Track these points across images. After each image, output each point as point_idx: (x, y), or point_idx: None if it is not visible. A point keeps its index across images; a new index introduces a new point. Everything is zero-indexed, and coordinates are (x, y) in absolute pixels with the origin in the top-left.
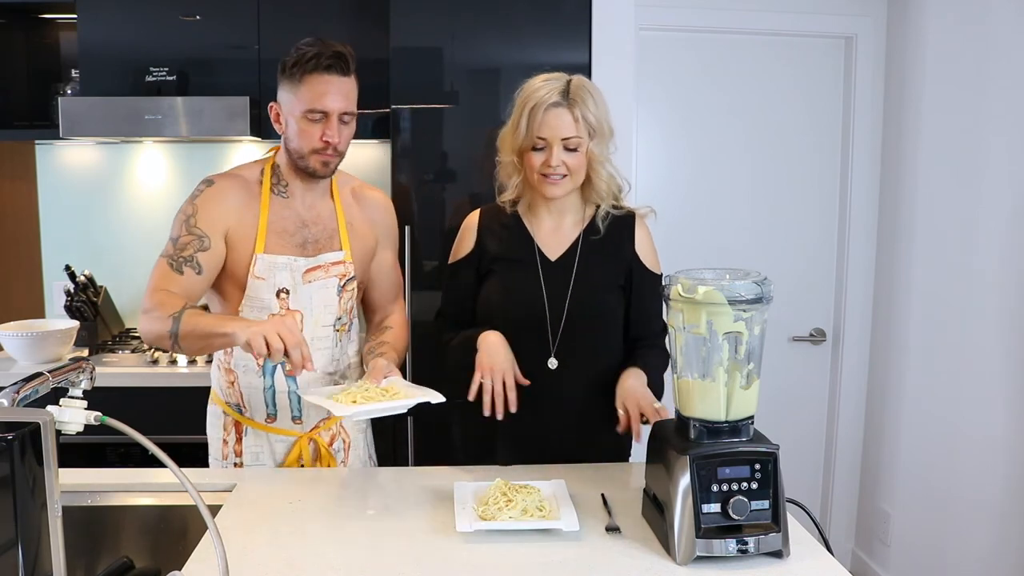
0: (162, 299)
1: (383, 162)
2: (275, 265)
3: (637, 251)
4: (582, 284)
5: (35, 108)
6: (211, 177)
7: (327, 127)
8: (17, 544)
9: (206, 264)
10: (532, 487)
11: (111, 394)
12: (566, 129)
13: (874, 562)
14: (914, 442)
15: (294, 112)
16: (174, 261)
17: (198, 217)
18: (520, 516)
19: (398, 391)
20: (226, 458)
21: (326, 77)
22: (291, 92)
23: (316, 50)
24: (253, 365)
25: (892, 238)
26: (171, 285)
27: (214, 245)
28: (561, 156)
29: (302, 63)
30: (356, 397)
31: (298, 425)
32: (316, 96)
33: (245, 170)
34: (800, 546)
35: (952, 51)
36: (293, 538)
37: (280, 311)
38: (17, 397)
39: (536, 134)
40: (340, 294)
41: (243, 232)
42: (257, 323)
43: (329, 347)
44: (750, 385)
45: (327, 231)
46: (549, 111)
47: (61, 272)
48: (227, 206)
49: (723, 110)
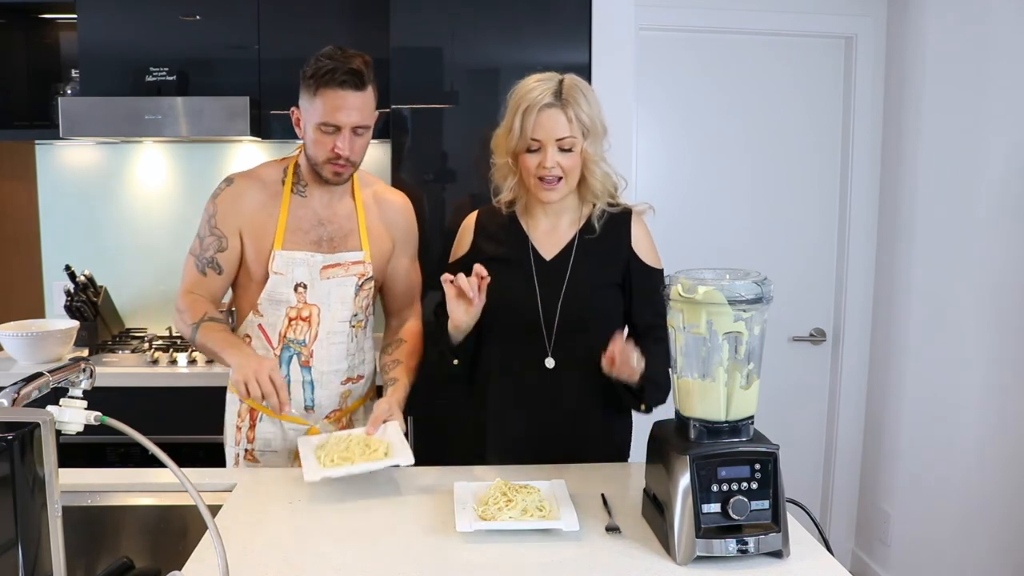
0: (190, 303)
1: (383, 162)
2: (293, 260)
3: (634, 248)
4: (575, 284)
5: (35, 108)
6: (232, 176)
7: (338, 139)
8: (17, 544)
9: (225, 264)
10: (532, 487)
11: (111, 394)
12: (560, 130)
13: (874, 562)
14: (914, 442)
15: (310, 121)
16: (199, 262)
17: (218, 217)
18: (520, 516)
19: (377, 448)
20: (238, 443)
21: (340, 92)
22: (308, 102)
23: (333, 64)
24: (270, 355)
25: (892, 238)
26: (198, 286)
27: (231, 245)
28: (556, 157)
29: (318, 76)
30: (335, 456)
31: (310, 415)
32: (329, 111)
33: (265, 169)
34: (800, 546)
35: (952, 51)
36: (293, 538)
37: (298, 304)
38: (17, 397)
39: (530, 136)
40: (357, 292)
41: (261, 230)
42: (245, 362)
43: (344, 342)
44: (750, 385)
45: (343, 230)
46: (543, 112)
47: (61, 272)
48: (244, 206)
49: (723, 110)
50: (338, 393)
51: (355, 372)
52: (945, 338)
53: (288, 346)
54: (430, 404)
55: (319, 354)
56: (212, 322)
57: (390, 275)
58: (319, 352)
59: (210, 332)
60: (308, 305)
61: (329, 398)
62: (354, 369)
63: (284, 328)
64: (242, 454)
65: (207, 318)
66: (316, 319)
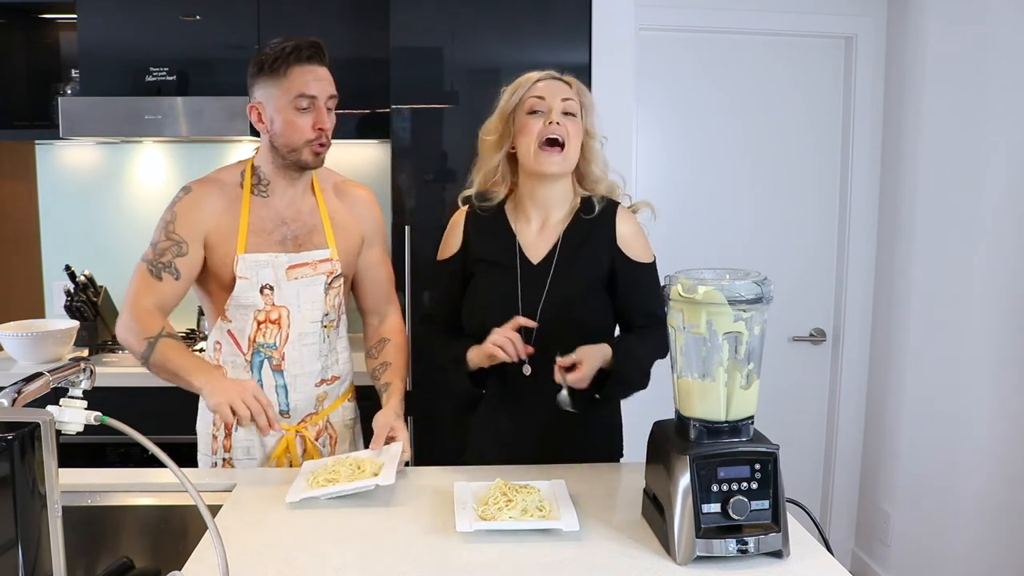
0: (141, 316)
1: (383, 162)
2: (257, 263)
3: (620, 245)
4: (555, 291)
5: (35, 108)
6: (189, 184)
7: (317, 115)
8: (17, 544)
9: (184, 269)
10: (532, 487)
11: (111, 394)
12: (563, 90)
13: (874, 562)
14: (914, 442)
15: (280, 106)
16: (153, 267)
17: (177, 223)
18: (520, 516)
19: (366, 470)
20: (215, 453)
21: (309, 67)
22: (275, 87)
23: (294, 43)
24: (241, 361)
25: (892, 238)
26: (150, 293)
27: (192, 251)
28: (560, 117)
29: (284, 56)
30: (322, 478)
31: (286, 419)
32: (303, 83)
33: (224, 173)
34: (800, 546)
35: (952, 51)
36: (293, 538)
37: (265, 307)
38: (17, 397)
39: (533, 95)
40: (327, 291)
41: (223, 235)
42: (223, 385)
43: (316, 343)
44: (750, 385)
45: (307, 227)
46: (543, 81)
47: (61, 272)
48: (205, 212)
49: (723, 110)
50: (313, 396)
51: (329, 373)
52: (946, 338)
53: (258, 351)
54: (430, 404)
55: (291, 356)
56: (171, 339)
57: (361, 270)
58: (291, 354)
59: (170, 351)
60: (276, 307)
61: (304, 401)
62: (328, 370)
63: (253, 332)
64: (219, 463)
65: (164, 334)
66: (286, 321)
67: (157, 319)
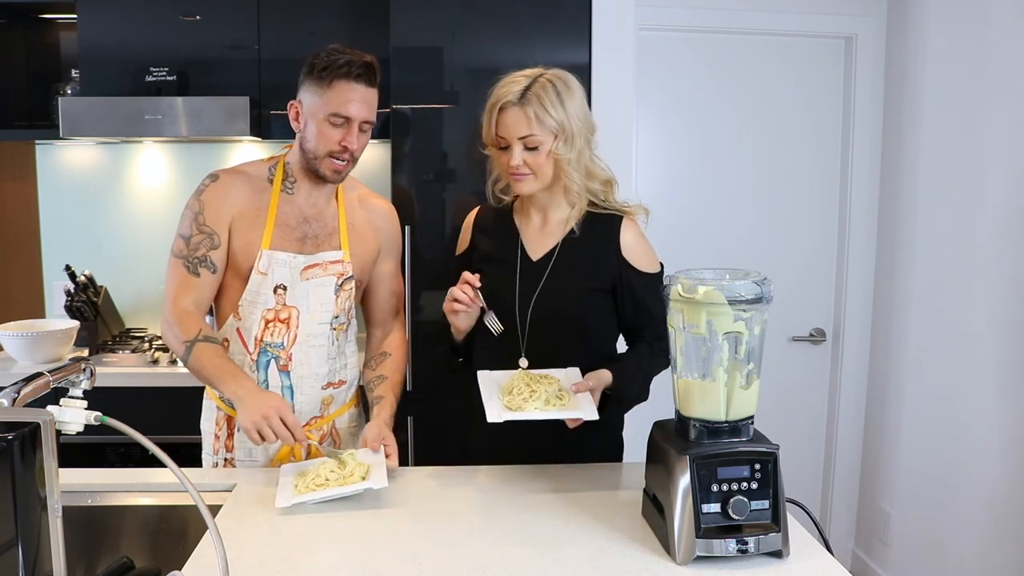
0: (181, 317)
1: (383, 162)
2: (275, 261)
3: (625, 256)
4: (550, 287)
5: (35, 108)
6: (216, 172)
7: (348, 133)
8: (17, 544)
9: (219, 261)
10: (551, 376)
11: (111, 394)
12: (521, 128)
13: (874, 562)
14: (914, 442)
15: (316, 114)
16: (189, 263)
17: (205, 213)
18: (543, 406)
19: (353, 472)
20: (216, 453)
21: (354, 85)
22: (316, 94)
23: (348, 57)
24: (247, 360)
25: (892, 238)
26: (189, 291)
27: (223, 241)
28: (522, 155)
29: (333, 68)
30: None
31: None
32: (342, 102)
33: (251, 167)
34: (800, 546)
35: (952, 51)
36: (293, 538)
37: (276, 306)
38: (17, 397)
39: (497, 133)
40: (337, 293)
41: (247, 227)
42: (252, 404)
43: (324, 344)
44: (750, 385)
45: (327, 229)
46: (504, 111)
47: (61, 272)
48: (231, 201)
49: (723, 110)
50: (319, 399)
51: (336, 376)
52: (945, 337)
53: (265, 350)
54: (430, 404)
55: (298, 357)
56: (208, 343)
57: (374, 279)
58: (298, 355)
59: (206, 356)
60: (287, 307)
61: (309, 404)
62: (335, 373)
63: (260, 332)
64: (220, 463)
65: (202, 337)
66: (295, 321)
67: (195, 320)
